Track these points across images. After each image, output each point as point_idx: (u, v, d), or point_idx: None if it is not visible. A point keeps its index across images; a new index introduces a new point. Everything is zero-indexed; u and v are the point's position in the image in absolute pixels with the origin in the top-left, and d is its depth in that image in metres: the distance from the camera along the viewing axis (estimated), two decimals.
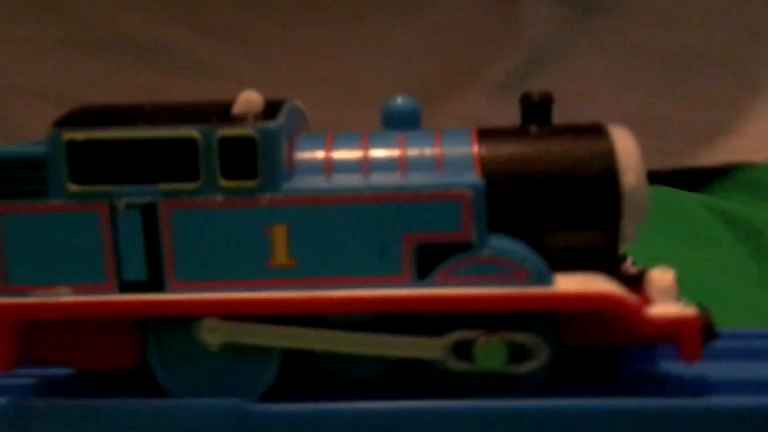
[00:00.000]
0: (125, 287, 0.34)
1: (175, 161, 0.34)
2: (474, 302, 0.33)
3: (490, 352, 0.34)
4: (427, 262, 0.34)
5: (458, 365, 0.34)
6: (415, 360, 0.35)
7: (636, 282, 0.35)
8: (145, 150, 0.34)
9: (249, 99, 0.34)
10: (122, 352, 0.36)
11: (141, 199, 0.34)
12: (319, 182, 0.35)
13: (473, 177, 0.34)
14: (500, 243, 0.34)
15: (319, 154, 0.36)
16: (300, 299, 0.34)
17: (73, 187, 0.34)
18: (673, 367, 0.37)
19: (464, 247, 0.34)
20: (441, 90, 0.80)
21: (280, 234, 0.34)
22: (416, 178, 0.34)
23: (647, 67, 0.81)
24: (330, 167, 0.36)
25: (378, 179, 0.34)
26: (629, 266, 0.37)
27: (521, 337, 0.34)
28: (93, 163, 0.34)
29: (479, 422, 0.34)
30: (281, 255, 0.34)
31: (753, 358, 0.37)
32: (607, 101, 0.81)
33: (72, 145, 0.34)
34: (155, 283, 0.34)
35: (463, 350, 0.34)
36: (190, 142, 0.34)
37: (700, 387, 0.35)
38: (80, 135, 0.34)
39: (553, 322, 0.35)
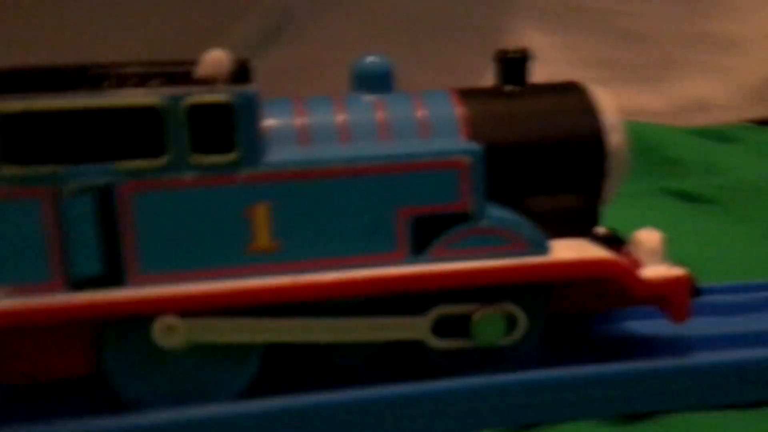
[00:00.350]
0: (76, 284, 0.29)
1: (134, 135, 0.29)
2: (476, 276, 0.31)
3: (488, 325, 0.32)
4: (423, 236, 0.31)
5: (440, 344, 0.32)
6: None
7: (612, 244, 0.35)
8: (97, 122, 0.28)
9: (216, 59, 0.30)
10: (73, 358, 0.31)
11: (94, 181, 0.29)
12: (300, 154, 0.31)
13: (467, 142, 0.32)
14: (497, 212, 0.32)
15: (291, 122, 0.32)
16: (285, 286, 0.30)
17: (9, 169, 0.28)
18: (647, 326, 0.37)
19: (462, 218, 0.31)
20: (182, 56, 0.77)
21: (261, 214, 0.30)
22: (406, 146, 0.32)
23: (395, 32, 0.81)
24: (305, 136, 0.32)
25: (366, 148, 0.31)
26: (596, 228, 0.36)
27: (515, 309, 0.32)
28: (32, 140, 0.28)
29: (469, 400, 0.32)
30: (263, 238, 0.30)
31: (727, 313, 0.38)
32: None
33: (6, 119, 0.28)
34: (113, 278, 0.29)
35: (452, 327, 0.32)
36: (152, 111, 0.29)
37: (684, 345, 0.35)
38: (15, 106, 0.28)
39: (545, 291, 0.33)
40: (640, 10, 0.87)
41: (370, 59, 0.34)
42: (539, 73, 0.36)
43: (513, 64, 0.35)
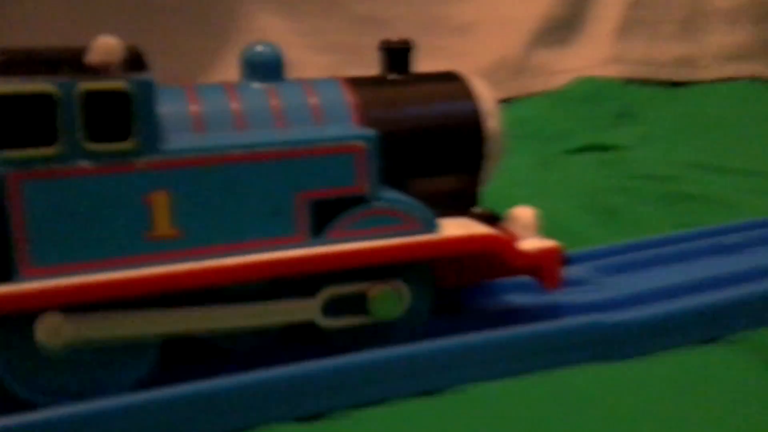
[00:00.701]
0: None
1: (25, 122, 0.28)
2: (373, 255, 0.32)
3: (384, 301, 0.33)
4: (322, 218, 0.32)
5: (330, 323, 0.33)
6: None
7: (490, 221, 0.37)
8: None
9: (107, 46, 0.29)
10: None
11: None
12: (198, 141, 0.31)
13: (362, 128, 0.33)
14: (391, 194, 0.33)
15: (185, 109, 0.32)
16: (185, 272, 0.30)
17: None
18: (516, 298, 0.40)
19: (359, 200, 0.32)
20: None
21: (160, 201, 0.30)
22: (303, 132, 0.32)
23: (127, 16, 0.80)
24: (200, 123, 0.32)
25: (263, 135, 0.32)
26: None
27: (405, 285, 0.34)
28: None
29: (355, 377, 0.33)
30: (162, 225, 0.30)
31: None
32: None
33: None
34: (2, 272, 0.28)
35: (347, 307, 0.33)
36: (45, 98, 0.28)
37: (554, 311, 0.38)
38: None
39: (431, 267, 0.35)
40: None
41: (259, 48, 0.35)
42: None
43: (396, 54, 0.37)
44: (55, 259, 0.29)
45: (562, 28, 0.98)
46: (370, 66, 0.38)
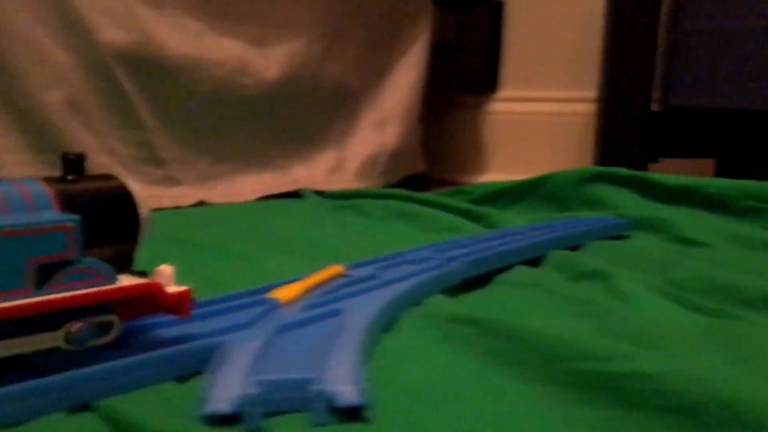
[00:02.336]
0: None
1: None
2: (81, 299, 0.48)
3: (84, 333, 0.49)
4: (45, 276, 0.47)
5: (68, 347, 0.48)
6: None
7: (143, 275, 0.55)
8: None
9: None
10: None
11: None
12: None
13: (70, 214, 0.49)
14: (89, 260, 0.49)
15: None
16: None
17: None
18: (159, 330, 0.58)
19: (69, 263, 0.48)
20: None
21: None
22: (29, 217, 0.47)
23: None
24: None
25: (3, 219, 0.45)
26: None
27: (106, 319, 0.50)
28: None
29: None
30: None
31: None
32: None
33: None
34: None
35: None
36: None
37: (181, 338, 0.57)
38: None
39: (113, 307, 0.52)
40: None
41: None
42: None
43: (73, 163, 0.53)
44: None
45: None
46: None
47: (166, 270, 0.55)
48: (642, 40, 1.32)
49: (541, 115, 1.78)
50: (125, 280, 0.52)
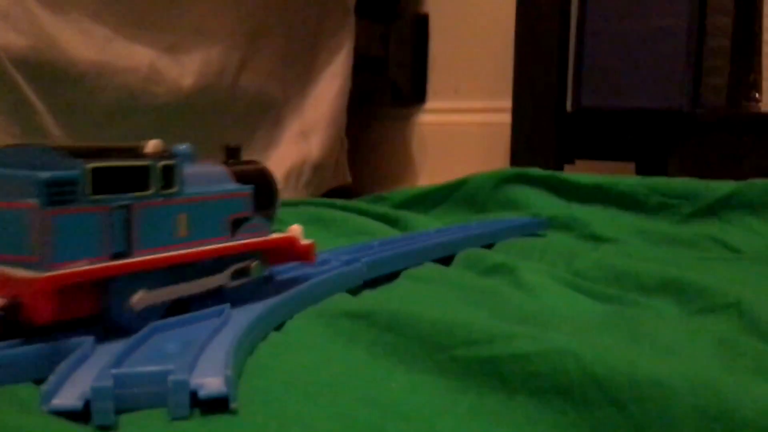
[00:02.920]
0: None
1: (135, 179, 0.52)
2: (260, 245, 0.61)
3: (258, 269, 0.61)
4: (235, 227, 0.60)
5: (233, 283, 0.59)
6: None
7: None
8: None
9: (156, 144, 0.51)
10: None
11: None
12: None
13: (246, 185, 0.63)
14: (257, 217, 0.62)
15: None
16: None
17: None
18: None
19: (247, 219, 0.61)
20: None
21: (182, 221, 0.55)
22: (226, 186, 0.62)
23: None
24: None
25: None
26: None
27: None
28: None
29: None
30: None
31: None
32: None
33: None
34: None
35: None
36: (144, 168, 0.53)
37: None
38: None
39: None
40: None
41: None
42: None
43: (233, 150, 0.65)
44: None
45: None
46: None
47: (296, 228, 0.64)
48: (551, 41, 1.33)
49: (468, 125, 1.79)
50: (273, 235, 0.63)
